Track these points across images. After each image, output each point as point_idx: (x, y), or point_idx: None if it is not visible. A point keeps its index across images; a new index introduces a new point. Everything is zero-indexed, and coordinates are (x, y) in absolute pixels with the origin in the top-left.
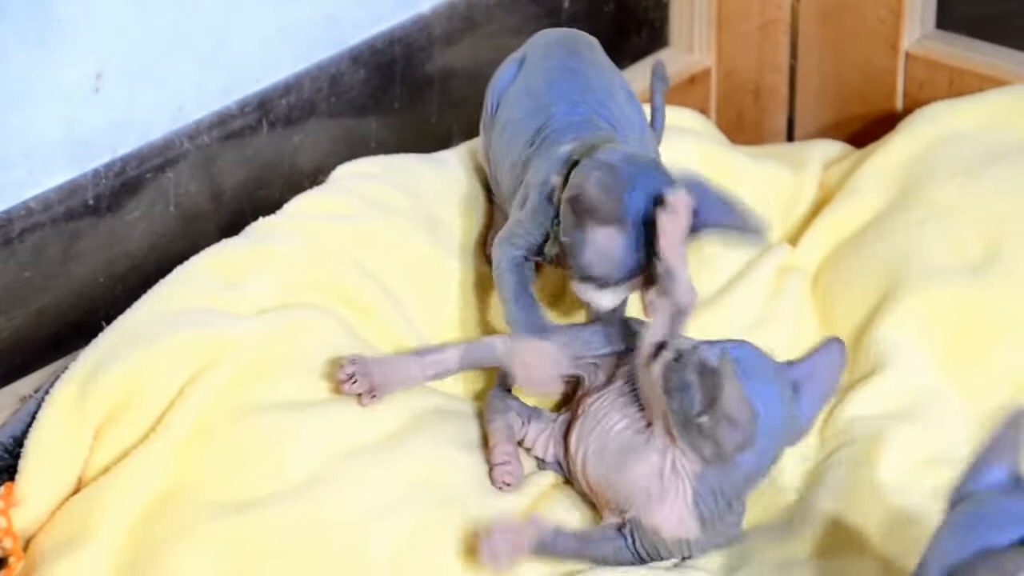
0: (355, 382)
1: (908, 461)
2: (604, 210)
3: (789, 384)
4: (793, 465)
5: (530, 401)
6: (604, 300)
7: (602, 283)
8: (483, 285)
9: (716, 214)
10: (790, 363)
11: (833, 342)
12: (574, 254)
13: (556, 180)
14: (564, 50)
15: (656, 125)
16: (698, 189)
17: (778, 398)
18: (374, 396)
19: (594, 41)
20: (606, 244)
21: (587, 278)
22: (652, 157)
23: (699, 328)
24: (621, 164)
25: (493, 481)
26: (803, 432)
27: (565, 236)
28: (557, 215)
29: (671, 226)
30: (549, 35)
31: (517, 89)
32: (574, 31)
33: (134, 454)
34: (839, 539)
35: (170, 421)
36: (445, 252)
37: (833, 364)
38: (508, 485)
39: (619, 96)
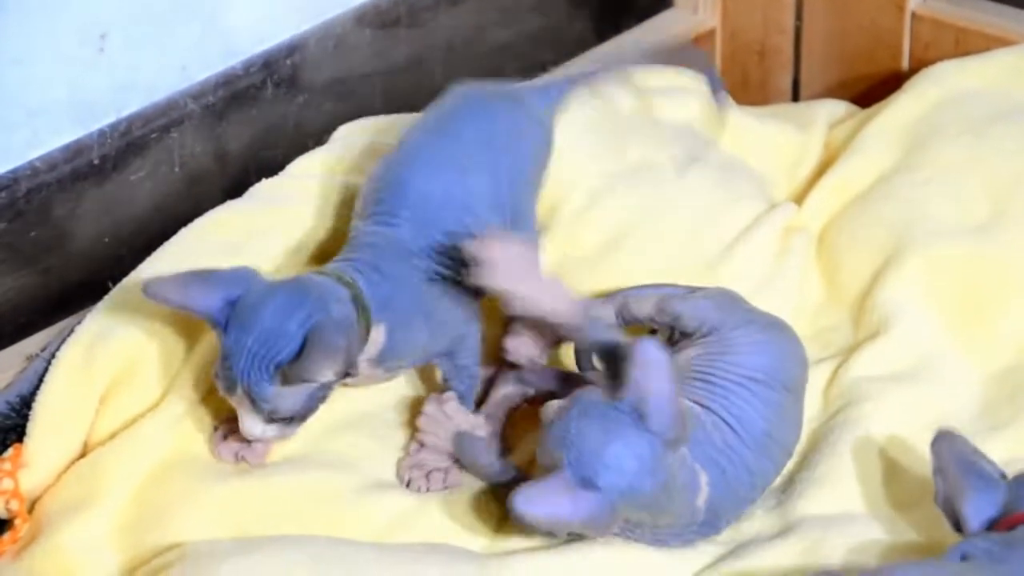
0: None
1: (912, 421)
2: (172, 298)
3: (633, 417)
4: None
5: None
6: (242, 420)
7: (223, 391)
8: None
9: (299, 363)
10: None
11: (642, 343)
12: None
13: None
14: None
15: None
16: (313, 331)
17: (637, 441)
18: None
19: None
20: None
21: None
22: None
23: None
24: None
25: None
26: (676, 439)
27: None
28: None
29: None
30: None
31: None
32: (485, 96)
33: (141, 420)
34: (842, 499)
35: (175, 386)
36: None
37: (649, 364)
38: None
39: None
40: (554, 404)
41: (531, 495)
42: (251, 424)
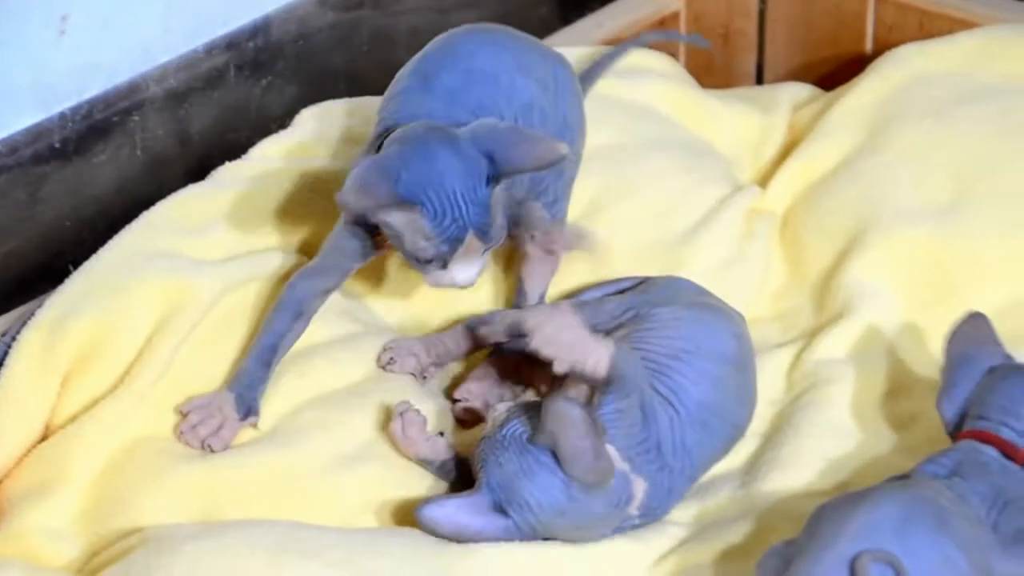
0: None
1: (876, 402)
2: (367, 204)
3: (551, 457)
4: (762, 408)
5: None
6: (459, 275)
7: (439, 259)
8: None
9: (515, 155)
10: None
11: (556, 400)
12: (399, 247)
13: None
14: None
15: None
16: (490, 133)
17: (550, 484)
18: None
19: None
20: (410, 224)
21: (425, 261)
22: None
23: (669, 268)
24: (389, 151)
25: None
26: (595, 484)
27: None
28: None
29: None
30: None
31: None
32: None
33: (103, 402)
34: (806, 480)
35: (137, 369)
36: None
37: (563, 420)
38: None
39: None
40: (500, 409)
41: (444, 504)
42: (471, 268)
